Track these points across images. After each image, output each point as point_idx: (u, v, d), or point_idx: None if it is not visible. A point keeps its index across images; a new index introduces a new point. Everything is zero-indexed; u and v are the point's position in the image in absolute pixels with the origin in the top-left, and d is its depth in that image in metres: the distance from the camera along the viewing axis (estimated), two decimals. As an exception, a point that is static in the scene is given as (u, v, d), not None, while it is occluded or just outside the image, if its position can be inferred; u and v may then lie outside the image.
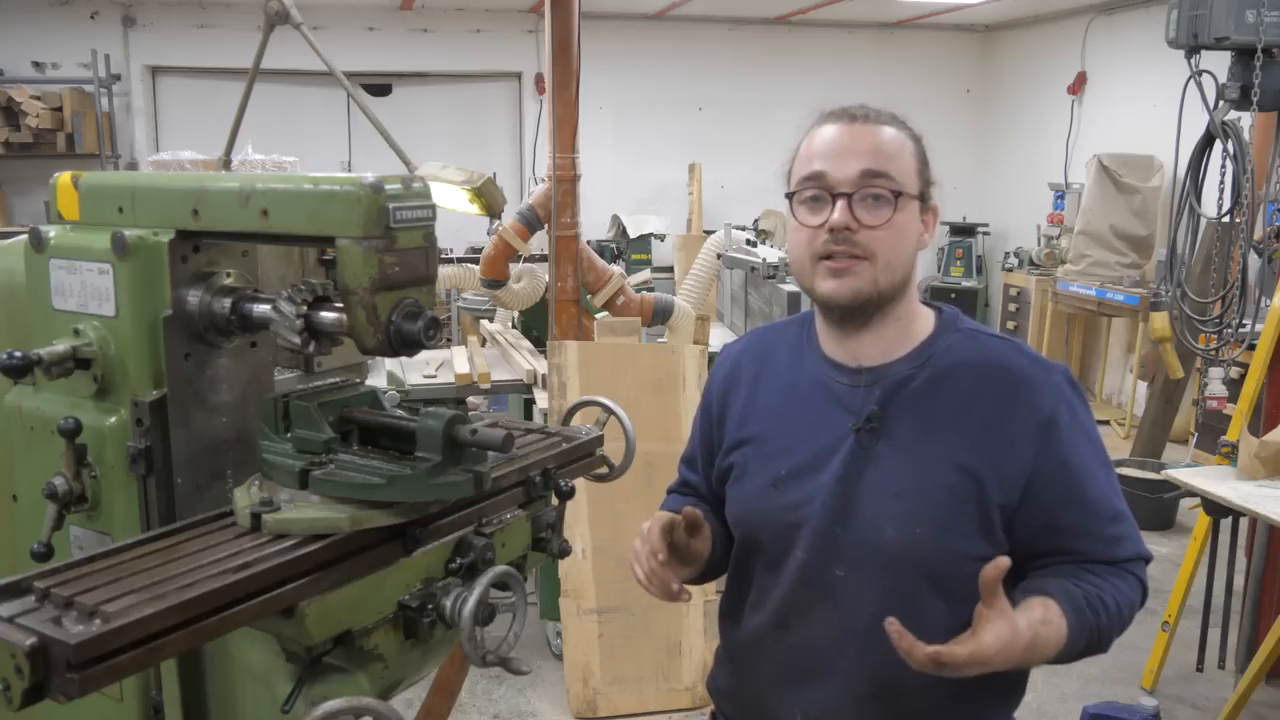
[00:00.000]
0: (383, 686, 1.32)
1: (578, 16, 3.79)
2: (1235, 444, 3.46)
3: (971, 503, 1.36)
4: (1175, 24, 3.94)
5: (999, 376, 1.40)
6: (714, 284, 5.38)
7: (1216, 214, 4.07)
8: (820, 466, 1.42)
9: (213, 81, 8.17)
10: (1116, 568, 1.40)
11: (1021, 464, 1.36)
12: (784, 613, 1.46)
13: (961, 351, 1.43)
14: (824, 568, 1.41)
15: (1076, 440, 1.39)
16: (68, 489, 1.37)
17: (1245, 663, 3.50)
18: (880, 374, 1.42)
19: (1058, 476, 1.37)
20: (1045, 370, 1.41)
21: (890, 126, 1.42)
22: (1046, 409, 1.37)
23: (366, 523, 1.26)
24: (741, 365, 1.59)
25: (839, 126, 1.41)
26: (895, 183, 1.37)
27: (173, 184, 1.41)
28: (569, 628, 3.62)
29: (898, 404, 1.40)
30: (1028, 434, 1.36)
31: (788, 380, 1.51)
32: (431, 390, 4.16)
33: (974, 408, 1.38)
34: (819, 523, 1.41)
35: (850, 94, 1.74)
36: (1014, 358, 1.42)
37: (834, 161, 1.37)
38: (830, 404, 1.44)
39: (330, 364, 1.81)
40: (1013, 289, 8.43)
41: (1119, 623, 1.39)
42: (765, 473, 1.48)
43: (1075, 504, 1.38)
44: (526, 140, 8.85)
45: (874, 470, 1.39)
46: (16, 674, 0.96)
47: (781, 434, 1.48)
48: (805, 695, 1.45)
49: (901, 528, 1.36)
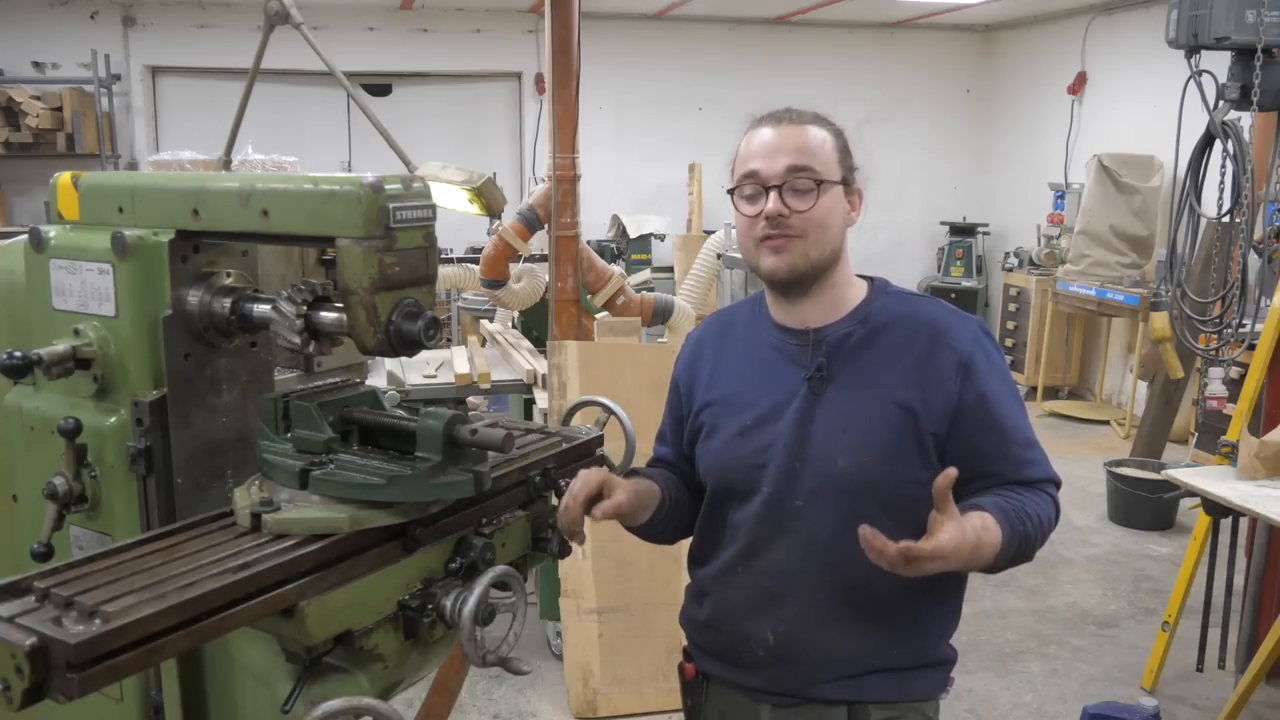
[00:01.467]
0: (383, 686, 1.32)
1: (578, 16, 3.79)
2: (1235, 444, 3.45)
3: (909, 432, 1.58)
4: (1175, 24, 3.94)
5: (924, 327, 1.64)
6: (714, 284, 5.38)
7: (1216, 214, 4.07)
8: (779, 414, 1.64)
9: (213, 81, 8.18)
10: (1031, 488, 1.61)
11: (948, 398, 1.59)
12: (752, 543, 1.66)
13: (892, 310, 1.67)
14: (786, 500, 1.63)
15: (991, 377, 1.62)
16: (68, 489, 1.37)
17: (1245, 663, 3.50)
18: (824, 333, 1.66)
19: (978, 408, 1.59)
20: (962, 320, 1.66)
21: (813, 125, 1.64)
22: (965, 350, 1.61)
23: (366, 523, 1.26)
24: (704, 343, 1.83)
25: (768, 130, 1.64)
26: (816, 173, 1.59)
27: (173, 184, 1.41)
28: (569, 628, 3.62)
29: (841, 356, 1.64)
30: (950, 372, 1.59)
31: (746, 347, 1.74)
32: (431, 390, 4.16)
33: (905, 353, 1.62)
34: (781, 460, 1.62)
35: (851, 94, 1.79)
36: (936, 311, 1.68)
37: (765, 160, 1.61)
38: (784, 362, 1.68)
39: (330, 364, 1.81)
40: (1013, 289, 8.43)
41: (1040, 533, 1.58)
42: (733, 425, 1.69)
43: (994, 432, 1.60)
44: (526, 140, 8.85)
45: (824, 412, 1.62)
46: (16, 674, 0.97)
47: (744, 391, 1.70)
48: (774, 615, 1.65)
49: (850, 458, 1.59)
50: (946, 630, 1.71)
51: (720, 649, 1.73)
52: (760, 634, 1.65)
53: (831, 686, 1.63)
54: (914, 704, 1.66)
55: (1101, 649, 4.16)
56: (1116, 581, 4.84)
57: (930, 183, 9.55)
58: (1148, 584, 4.80)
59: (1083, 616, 4.47)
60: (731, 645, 1.70)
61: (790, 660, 1.64)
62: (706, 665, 1.77)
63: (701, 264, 5.08)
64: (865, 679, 1.63)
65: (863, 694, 1.63)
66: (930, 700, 1.68)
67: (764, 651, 1.65)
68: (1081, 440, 7.19)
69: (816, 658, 1.63)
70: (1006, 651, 4.13)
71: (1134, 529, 5.45)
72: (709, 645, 1.76)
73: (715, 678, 1.75)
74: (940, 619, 1.70)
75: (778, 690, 1.66)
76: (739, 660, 1.70)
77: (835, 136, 1.65)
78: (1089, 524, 5.54)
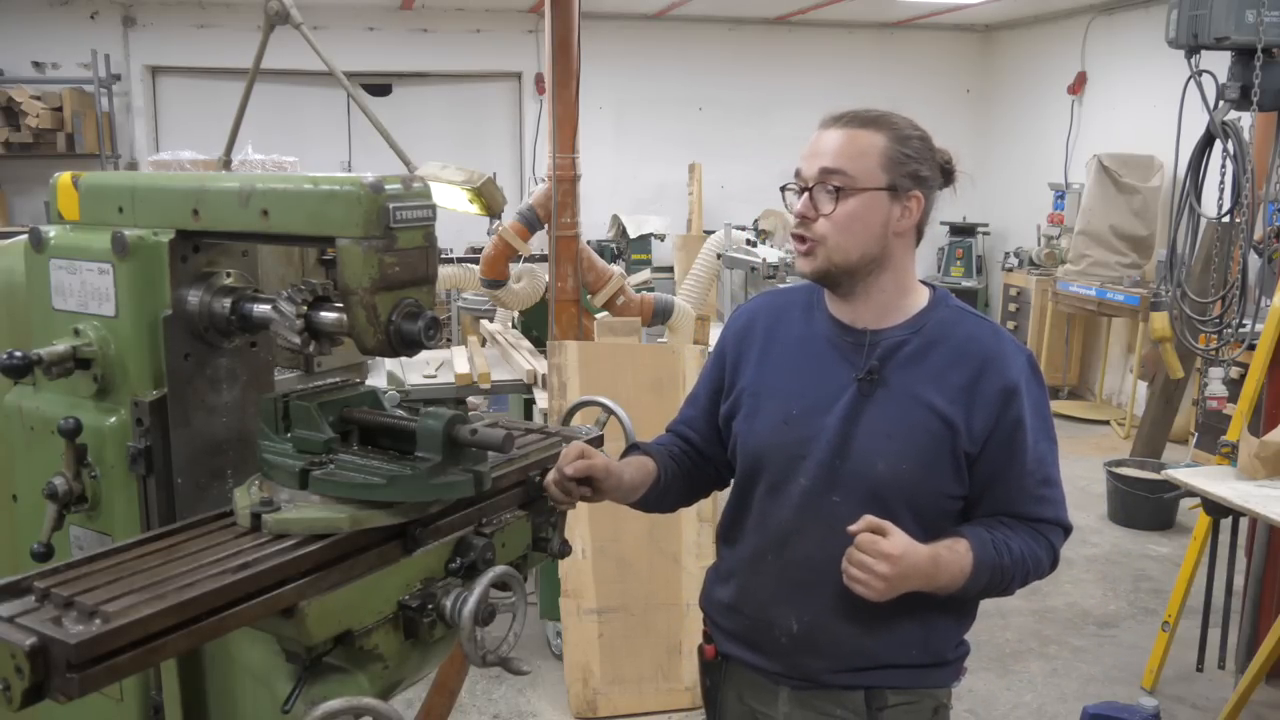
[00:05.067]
0: (383, 686, 1.32)
1: (578, 16, 3.78)
2: (1235, 444, 3.45)
3: (947, 446, 1.62)
4: (1175, 24, 3.94)
5: (977, 349, 1.66)
6: (714, 284, 5.38)
7: (1216, 214, 4.07)
8: (827, 408, 1.66)
9: (213, 81, 8.17)
10: (1033, 527, 1.67)
11: (986, 421, 1.62)
12: (785, 533, 1.69)
13: (949, 325, 1.69)
14: (823, 495, 1.65)
15: (1030, 411, 1.64)
16: (68, 489, 1.37)
17: (1245, 663, 3.50)
18: (880, 336, 1.68)
19: (1009, 437, 1.63)
20: (1015, 350, 1.68)
21: (867, 129, 1.62)
22: (1011, 380, 1.63)
23: (366, 523, 1.26)
24: (756, 320, 1.83)
25: (822, 131, 1.65)
26: (847, 178, 1.60)
27: (173, 184, 1.41)
28: (569, 628, 3.62)
29: (893, 362, 1.66)
30: (993, 397, 1.62)
31: (800, 335, 1.75)
32: (431, 390, 4.16)
33: (955, 372, 1.64)
34: (823, 455, 1.65)
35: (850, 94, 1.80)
36: (990, 336, 1.69)
37: (807, 161, 1.64)
38: (837, 358, 1.69)
39: (330, 364, 1.82)
40: (1013, 289, 8.43)
41: (1021, 570, 1.64)
42: (779, 411, 1.71)
43: (1017, 463, 1.64)
44: (526, 140, 8.85)
45: (870, 414, 1.64)
46: (16, 674, 0.96)
47: (794, 379, 1.72)
48: (801, 605, 1.68)
49: (890, 463, 1.62)
50: (961, 631, 1.76)
51: (743, 632, 1.76)
52: (785, 622, 1.69)
53: (849, 675, 1.67)
54: (929, 690, 1.72)
55: (1101, 649, 4.16)
56: (1116, 581, 4.84)
57: (930, 183, 9.53)
58: (1148, 584, 4.80)
59: (1083, 616, 4.47)
60: (755, 630, 1.73)
61: (812, 650, 1.68)
62: (726, 647, 1.80)
63: (701, 264, 5.08)
64: (882, 671, 1.68)
65: (879, 682, 1.68)
66: (944, 688, 1.75)
67: (787, 639, 1.69)
68: (1081, 440, 7.19)
69: (837, 650, 1.67)
70: (1006, 651, 4.13)
71: (1134, 529, 5.45)
72: (731, 628, 1.78)
73: (735, 659, 1.78)
74: (956, 623, 1.74)
75: (797, 675, 1.70)
76: (761, 645, 1.73)
77: (895, 142, 1.62)
78: (1089, 524, 5.54)
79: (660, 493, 1.79)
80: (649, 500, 1.79)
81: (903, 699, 1.68)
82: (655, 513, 1.88)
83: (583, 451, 1.58)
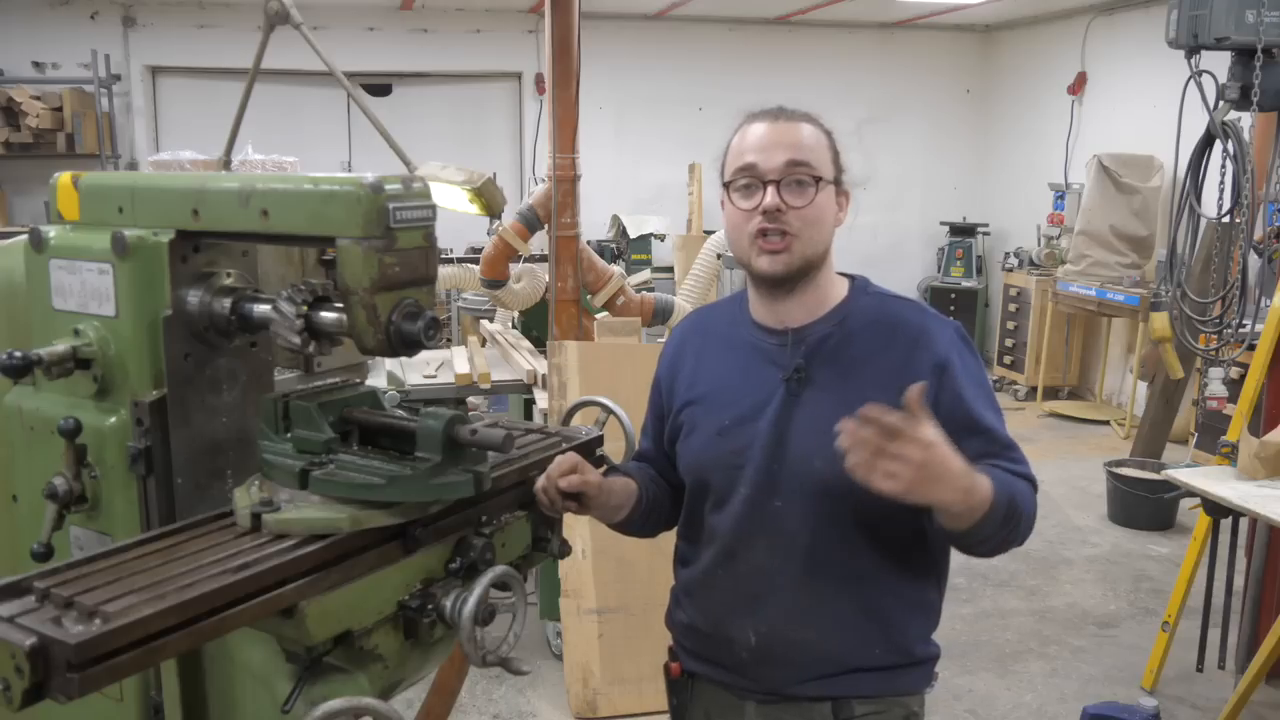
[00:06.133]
0: (383, 686, 1.32)
1: (578, 16, 3.78)
2: (1235, 444, 3.45)
3: None
4: (1175, 24, 3.94)
5: (902, 330, 1.64)
6: (714, 284, 5.37)
7: (1216, 214, 4.07)
8: (758, 414, 1.64)
9: (213, 81, 8.17)
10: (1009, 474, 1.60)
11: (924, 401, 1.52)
12: (731, 545, 1.67)
13: (871, 311, 1.67)
14: (764, 501, 1.63)
15: (967, 382, 1.61)
16: (68, 489, 1.37)
17: (1245, 663, 3.50)
18: (803, 333, 1.65)
19: (956, 411, 1.57)
20: (940, 324, 1.66)
21: (807, 123, 1.64)
22: (941, 355, 1.60)
23: (366, 523, 1.26)
24: (686, 342, 1.84)
25: (765, 124, 1.63)
26: (814, 170, 1.59)
27: (173, 184, 1.41)
28: (569, 628, 3.62)
29: (819, 357, 1.64)
30: (926, 374, 1.56)
31: (726, 346, 1.74)
32: (431, 390, 4.16)
33: (883, 356, 1.62)
34: (759, 460, 1.63)
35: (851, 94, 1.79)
36: (915, 314, 1.68)
37: (762, 154, 1.60)
38: (763, 362, 1.67)
39: (330, 364, 1.81)
40: (1013, 289, 8.43)
41: (1026, 511, 1.55)
42: (712, 424, 1.69)
43: (975, 434, 1.57)
44: (526, 140, 8.85)
45: (802, 413, 1.62)
46: (16, 674, 0.96)
47: (724, 391, 1.70)
48: (756, 615, 1.65)
49: (827, 459, 1.51)
50: (927, 628, 1.72)
51: (704, 650, 1.74)
52: (743, 635, 1.66)
53: (814, 684, 1.64)
54: (898, 698, 1.67)
55: (1101, 649, 4.16)
56: (1116, 581, 4.84)
57: (930, 183, 9.55)
58: (1148, 584, 4.80)
59: (1083, 617, 4.47)
60: (715, 646, 1.71)
61: (773, 660, 1.66)
62: (691, 665, 1.78)
63: (701, 264, 5.08)
64: (848, 677, 1.64)
65: (846, 690, 1.64)
66: (915, 695, 1.70)
67: (746, 653, 1.66)
68: (1081, 440, 7.19)
69: (798, 658, 1.64)
70: (1006, 651, 4.13)
71: (1134, 529, 5.45)
72: (693, 646, 1.77)
73: (700, 677, 1.77)
74: (920, 618, 1.70)
75: (762, 689, 1.67)
76: (723, 660, 1.71)
77: (828, 136, 1.66)
78: (1089, 524, 5.54)
79: (644, 513, 1.77)
80: (633, 521, 1.77)
81: (870, 708, 1.65)
82: (638, 536, 1.84)
83: (576, 466, 1.55)
